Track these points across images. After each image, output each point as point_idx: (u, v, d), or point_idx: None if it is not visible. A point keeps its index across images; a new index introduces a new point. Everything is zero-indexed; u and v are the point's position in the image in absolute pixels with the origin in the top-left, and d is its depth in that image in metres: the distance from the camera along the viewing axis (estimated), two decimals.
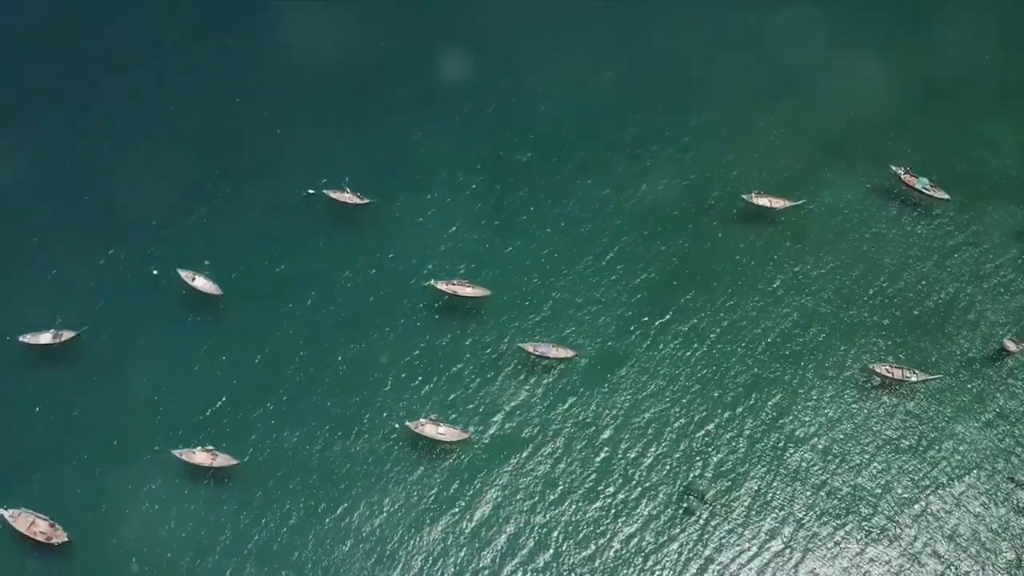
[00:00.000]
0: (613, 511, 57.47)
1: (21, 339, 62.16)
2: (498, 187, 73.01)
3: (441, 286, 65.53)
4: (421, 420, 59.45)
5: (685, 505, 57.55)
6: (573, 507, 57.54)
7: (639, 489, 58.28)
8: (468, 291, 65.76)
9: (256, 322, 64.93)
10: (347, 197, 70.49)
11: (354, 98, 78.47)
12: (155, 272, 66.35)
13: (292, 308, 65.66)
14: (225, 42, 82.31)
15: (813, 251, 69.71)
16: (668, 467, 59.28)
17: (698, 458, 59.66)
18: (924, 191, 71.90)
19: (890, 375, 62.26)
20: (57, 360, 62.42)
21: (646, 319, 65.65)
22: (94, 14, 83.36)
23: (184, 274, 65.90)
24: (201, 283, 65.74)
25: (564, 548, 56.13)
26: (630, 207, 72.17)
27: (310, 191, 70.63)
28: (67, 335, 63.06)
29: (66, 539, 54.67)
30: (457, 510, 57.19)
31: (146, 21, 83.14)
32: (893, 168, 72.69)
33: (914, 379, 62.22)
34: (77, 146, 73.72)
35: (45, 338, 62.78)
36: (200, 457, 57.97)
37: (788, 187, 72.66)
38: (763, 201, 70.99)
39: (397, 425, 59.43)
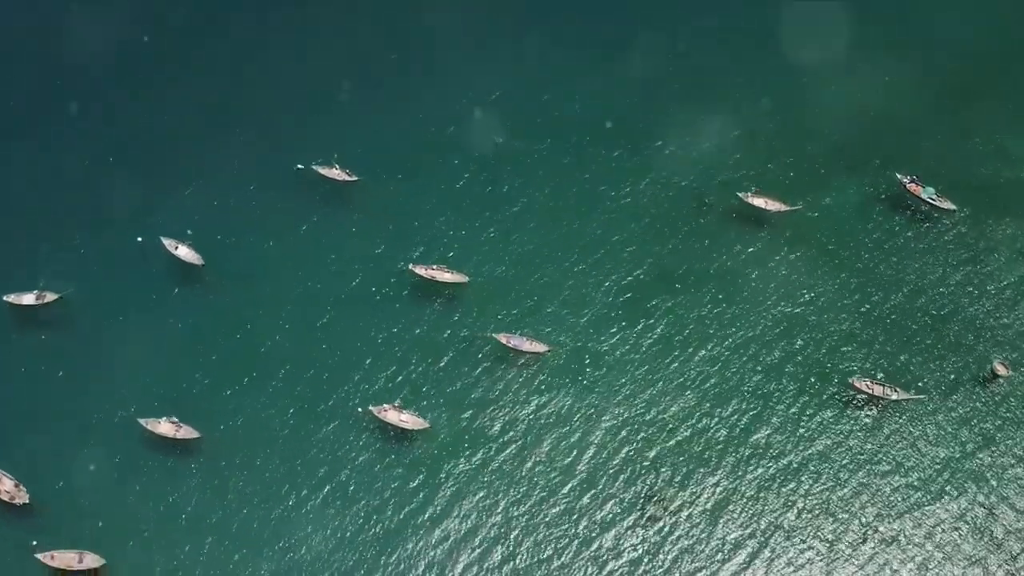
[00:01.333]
0: (573, 514, 56.63)
1: (5, 298, 63.20)
2: (491, 175, 71.82)
3: (419, 271, 64.93)
4: (384, 406, 59.20)
5: (648, 512, 56.51)
6: (532, 507, 56.85)
7: (602, 494, 57.28)
8: (446, 277, 65.10)
9: (234, 295, 65.17)
10: (336, 174, 70.04)
11: (353, 75, 77.57)
12: (140, 240, 66.74)
13: (271, 283, 65.71)
14: (225, 15, 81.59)
15: (807, 258, 67.48)
16: (633, 472, 58.24)
17: (665, 466, 58.40)
18: (930, 201, 69.08)
19: (870, 391, 60.32)
20: (38, 321, 63.39)
21: (628, 320, 64.30)
22: None
23: (167, 243, 66.23)
24: (184, 252, 66.04)
25: (519, 548, 55.56)
26: (625, 203, 70.57)
27: (299, 166, 70.21)
28: (50, 297, 63.92)
29: (27, 501, 55.57)
30: (416, 501, 56.95)
31: None
32: (899, 176, 69.91)
33: (895, 397, 60.21)
34: (70, 112, 74.00)
35: (28, 299, 63.71)
36: (164, 428, 58.49)
37: (789, 189, 70.43)
38: (759, 201, 68.91)
39: (360, 409, 59.25)
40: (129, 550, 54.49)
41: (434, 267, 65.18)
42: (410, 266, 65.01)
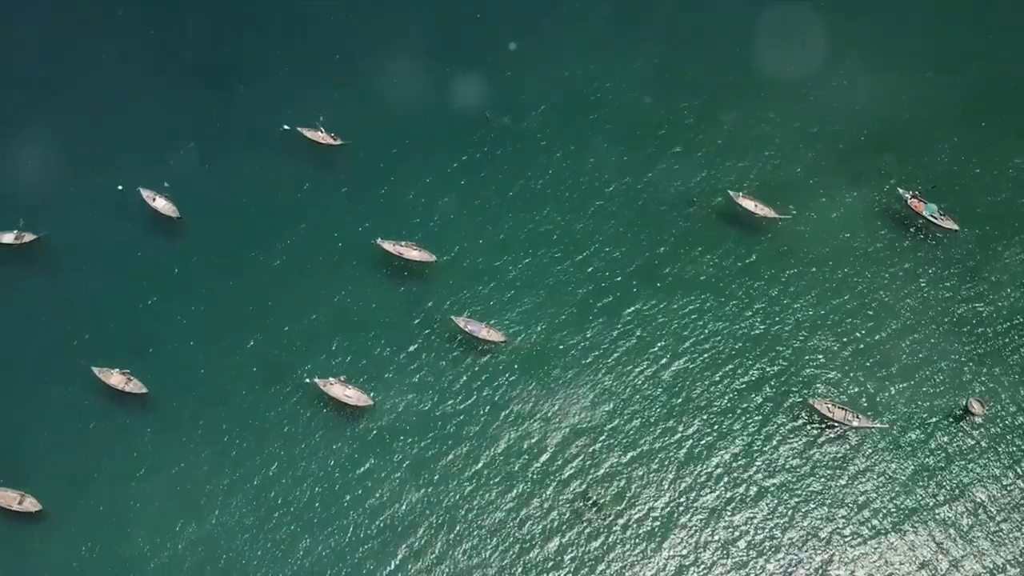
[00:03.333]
0: (503, 509, 55.77)
1: None
2: (478, 153, 70.02)
3: (387, 246, 64.12)
4: (330, 379, 58.94)
5: (586, 519, 55.22)
6: (462, 497, 56.17)
7: (539, 496, 56.03)
8: (414, 254, 64.16)
9: (205, 252, 65.43)
10: (321, 137, 69.37)
11: (348, 38, 76.14)
12: (120, 188, 67.20)
13: (242, 243, 65.69)
14: None
15: (791, 269, 64.34)
16: (571, 475, 56.82)
17: (606, 476, 56.72)
18: (932, 219, 65.18)
19: (830, 415, 57.74)
20: (14, 259, 64.55)
21: (591, 319, 62.38)
22: None
23: (146, 193, 66.69)
24: (161, 204, 66.43)
25: (444, 538, 55.04)
26: (611, 199, 67.90)
27: (286, 127, 69.66)
28: (28, 237, 65.14)
29: None
30: (347, 478, 56.71)
31: None
32: (901, 190, 66.02)
33: (855, 424, 57.54)
34: (63, 60, 74.28)
35: (7, 237, 65.05)
36: (115, 379, 59.32)
37: (783, 194, 67.02)
38: (748, 204, 65.98)
39: (307, 380, 59.05)
40: (66, 496, 55.51)
41: (403, 243, 64.26)
42: (378, 240, 64.18)
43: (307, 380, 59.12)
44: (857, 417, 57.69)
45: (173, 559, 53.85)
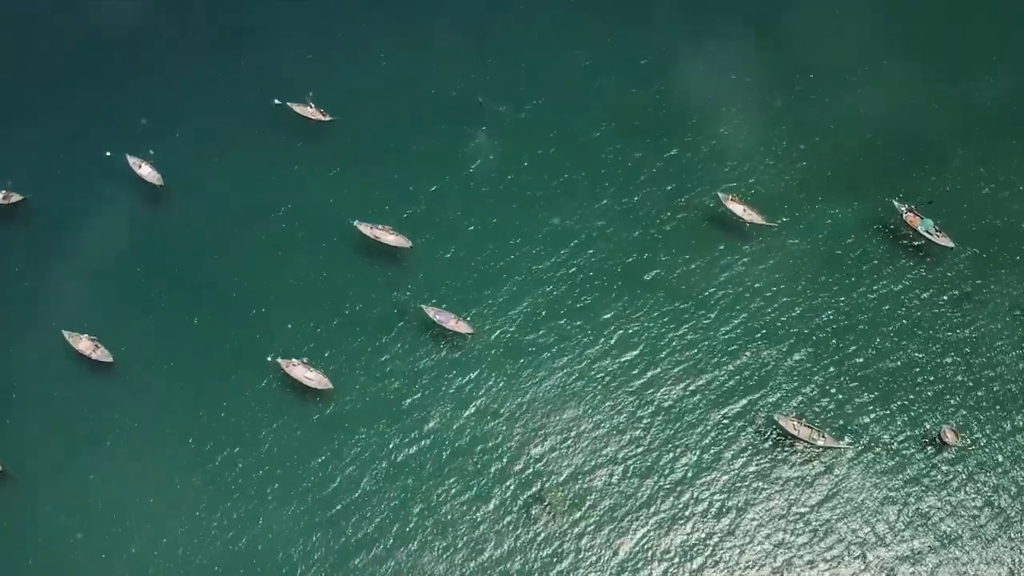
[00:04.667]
0: (455, 507, 55.22)
1: None
2: (471, 142, 68.69)
3: (364, 229, 63.53)
4: (293, 360, 58.79)
5: (536, 525, 54.48)
6: (413, 493, 55.60)
7: (491, 494, 55.43)
8: (390, 239, 63.51)
9: (184, 221, 65.58)
10: (310, 112, 68.79)
11: (345, 13, 75.16)
12: (108, 154, 67.38)
13: (222, 214, 65.71)
14: None
15: (777, 281, 62.24)
16: (528, 477, 55.91)
17: (564, 480, 55.81)
18: (927, 235, 62.66)
19: (795, 432, 56.21)
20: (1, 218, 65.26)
21: (567, 319, 61.15)
22: None
23: (132, 160, 66.86)
24: (146, 171, 66.62)
25: (392, 532, 54.66)
26: (600, 198, 66.13)
27: (277, 101, 69.14)
28: (15, 197, 65.80)
29: None
30: (301, 461, 56.55)
31: None
32: (896, 204, 63.49)
33: (820, 443, 55.95)
34: (56, 22, 74.45)
35: None
36: (84, 344, 59.83)
37: (777, 202, 64.94)
38: (737, 207, 64.05)
39: (269, 359, 58.98)
40: (28, 458, 56.28)
41: (379, 227, 63.62)
42: (355, 222, 63.59)
43: (270, 360, 59.00)
44: (823, 436, 56.09)
45: (128, 529, 54.26)
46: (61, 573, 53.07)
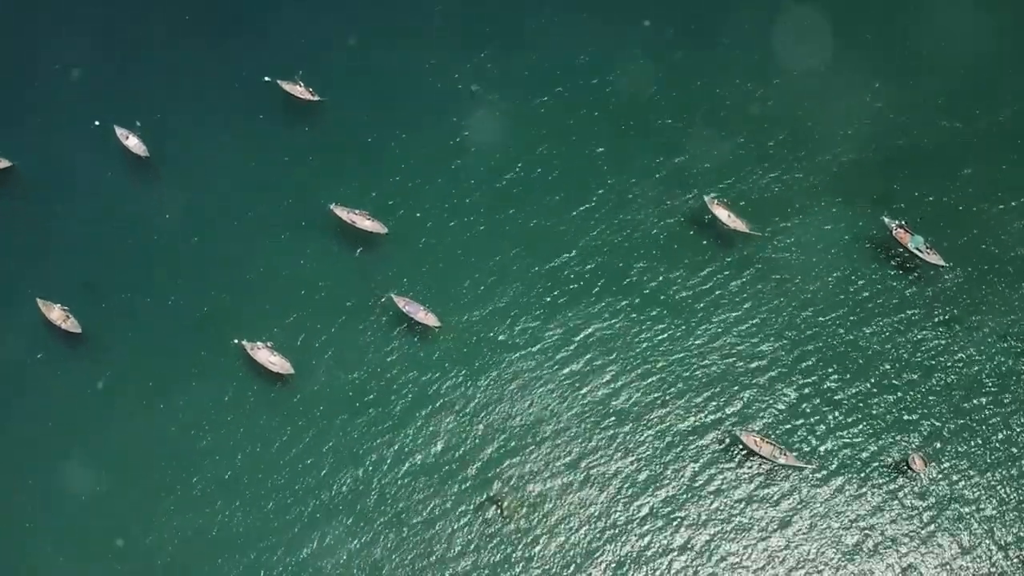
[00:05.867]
0: (409, 505, 54.71)
1: None
2: (461, 133, 67.04)
3: (340, 212, 62.83)
4: (257, 344, 58.55)
5: (490, 530, 53.85)
6: (368, 487, 55.23)
7: (446, 493, 54.91)
8: (366, 224, 62.77)
9: (166, 196, 65.23)
10: (299, 91, 67.99)
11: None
12: (96, 124, 67.27)
13: (203, 190, 65.06)
14: None
15: (757, 295, 60.15)
16: (486, 479, 55.27)
17: (520, 484, 55.05)
18: (917, 252, 60.34)
19: (757, 449, 54.79)
20: None
21: (540, 320, 59.73)
22: None
23: (119, 131, 66.75)
24: (132, 143, 66.50)
25: (342, 525, 54.43)
26: (587, 199, 64.11)
27: (267, 79, 68.37)
28: (3, 163, 66.06)
29: None
30: (262, 448, 56.45)
31: None
32: (886, 220, 61.09)
33: (782, 460, 54.48)
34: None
35: None
36: (55, 314, 60.15)
37: (766, 210, 62.63)
38: (721, 212, 62.17)
39: (235, 341, 58.80)
40: None
41: (356, 212, 62.88)
42: (332, 206, 62.93)
43: (235, 342, 58.81)
44: (784, 454, 54.61)
45: (84, 507, 54.74)
46: (12, 553, 53.73)
